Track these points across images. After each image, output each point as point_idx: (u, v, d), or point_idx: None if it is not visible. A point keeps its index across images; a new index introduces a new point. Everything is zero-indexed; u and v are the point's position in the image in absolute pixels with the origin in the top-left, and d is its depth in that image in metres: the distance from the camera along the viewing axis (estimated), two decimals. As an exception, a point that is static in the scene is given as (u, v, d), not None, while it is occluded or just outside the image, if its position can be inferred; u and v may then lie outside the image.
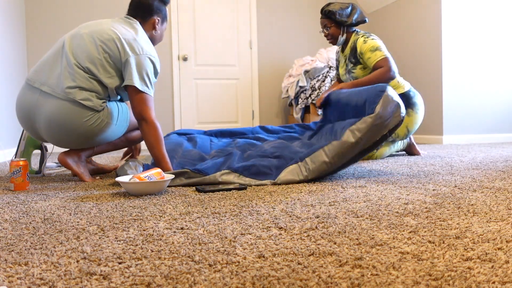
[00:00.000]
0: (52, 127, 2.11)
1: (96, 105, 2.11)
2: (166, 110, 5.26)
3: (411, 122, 3.08)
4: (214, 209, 1.45)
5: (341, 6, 3.05)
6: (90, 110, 2.11)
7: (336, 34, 3.09)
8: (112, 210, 1.47)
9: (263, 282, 0.79)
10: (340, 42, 3.11)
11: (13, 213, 1.46)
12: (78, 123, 2.10)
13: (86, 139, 2.17)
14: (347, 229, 1.15)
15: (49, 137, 2.17)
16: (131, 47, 2.11)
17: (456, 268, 0.84)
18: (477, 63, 4.73)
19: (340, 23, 3.05)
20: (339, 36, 3.09)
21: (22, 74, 4.60)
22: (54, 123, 2.10)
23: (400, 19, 5.25)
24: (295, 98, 4.98)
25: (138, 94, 2.10)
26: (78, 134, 2.13)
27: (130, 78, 2.08)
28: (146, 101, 2.11)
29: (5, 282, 0.82)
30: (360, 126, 2.08)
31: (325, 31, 3.11)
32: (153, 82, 2.18)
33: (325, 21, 3.09)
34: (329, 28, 3.08)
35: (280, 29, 5.57)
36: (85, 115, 2.10)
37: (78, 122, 2.10)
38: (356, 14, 3.05)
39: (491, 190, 1.71)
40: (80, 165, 2.26)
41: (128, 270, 0.87)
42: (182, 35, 5.28)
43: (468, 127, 4.74)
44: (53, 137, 2.16)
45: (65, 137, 2.15)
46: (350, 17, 3.04)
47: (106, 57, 2.10)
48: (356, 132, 2.08)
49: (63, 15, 4.95)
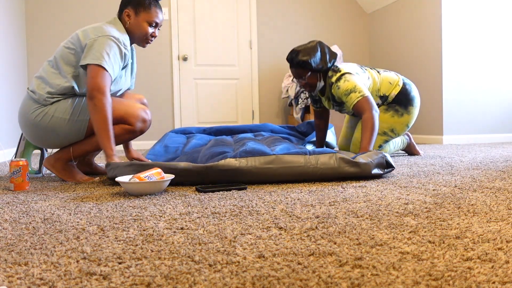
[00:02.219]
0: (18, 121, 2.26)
1: (40, 98, 2.14)
2: (166, 110, 5.26)
3: (411, 118, 3.06)
4: (214, 209, 1.45)
5: (309, 51, 2.73)
6: (35, 103, 2.16)
7: (314, 82, 2.81)
8: (112, 210, 1.47)
9: (263, 282, 0.79)
10: (319, 88, 2.86)
11: (13, 213, 1.46)
12: (27, 115, 2.18)
13: (44, 134, 2.17)
14: (347, 229, 1.15)
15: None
16: (91, 32, 2.14)
17: (456, 268, 0.84)
18: (477, 63, 4.73)
19: (317, 71, 2.77)
20: (317, 83, 2.82)
21: (22, 75, 4.61)
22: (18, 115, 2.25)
23: (400, 19, 5.25)
24: (295, 98, 4.98)
25: (92, 68, 2.06)
26: (32, 128, 2.17)
27: (84, 57, 2.10)
28: (101, 74, 2.05)
29: (5, 282, 0.82)
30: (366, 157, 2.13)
31: (301, 81, 2.81)
32: (115, 60, 2.12)
33: (298, 72, 2.76)
34: (304, 78, 2.78)
35: (280, 29, 5.58)
36: (32, 108, 2.17)
37: (26, 114, 2.18)
38: (327, 54, 2.79)
39: (491, 190, 1.71)
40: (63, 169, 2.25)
41: (128, 270, 0.87)
42: (182, 35, 5.28)
43: (468, 127, 4.74)
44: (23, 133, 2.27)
45: (27, 133, 2.22)
46: (325, 61, 2.77)
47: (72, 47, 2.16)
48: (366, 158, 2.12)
49: (63, 16, 4.95)
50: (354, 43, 5.84)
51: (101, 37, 2.11)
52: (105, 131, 2.04)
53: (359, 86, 2.72)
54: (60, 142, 2.21)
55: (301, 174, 2.03)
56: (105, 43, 2.09)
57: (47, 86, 2.15)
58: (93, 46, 2.09)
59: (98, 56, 2.07)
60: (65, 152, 2.24)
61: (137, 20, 2.25)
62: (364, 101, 2.67)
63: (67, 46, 2.18)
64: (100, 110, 2.03)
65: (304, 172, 2.03)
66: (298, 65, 2.74)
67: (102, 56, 2.07)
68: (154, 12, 2.26)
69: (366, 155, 2.14)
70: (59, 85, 2.15)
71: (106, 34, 2.12)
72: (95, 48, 2.09)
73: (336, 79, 2.78)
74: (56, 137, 2.17)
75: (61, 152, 2.25)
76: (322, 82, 2.84)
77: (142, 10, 2.24)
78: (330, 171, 2.05)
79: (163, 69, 5.23)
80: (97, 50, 2.08)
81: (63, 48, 2.19)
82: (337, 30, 5.76)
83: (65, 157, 2.25)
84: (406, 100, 3.03)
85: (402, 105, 3.03)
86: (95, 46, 2.09)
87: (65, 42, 2.22)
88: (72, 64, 2.16)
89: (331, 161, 2.05)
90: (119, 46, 2.14)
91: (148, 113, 2.28)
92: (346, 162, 2.06)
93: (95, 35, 2.12)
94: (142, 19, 2.25)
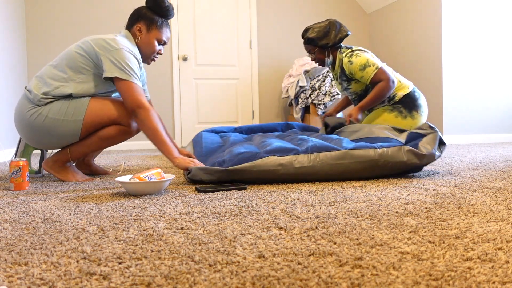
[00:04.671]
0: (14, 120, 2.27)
1: (35, 98, 2.15)
2: (166, 110, 5.26)
3: (415, 125, 3.05)
4: (214, 209, 1.45)
5: (319, 28, 3.02)
6: (30, 102, 2.16)
7: (322, 57, 3.08)
8: (112, 210, 1.47)
9: (263, 282, 0.79)
10: (328, 63, 3.11)
11: (13, 213, 1.46)
12: (21, 115, 2.17)
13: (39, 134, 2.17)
14: (347, 229, 1.15)
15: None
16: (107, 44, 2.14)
17: (456, 268, 0.84)
18: (477, 63, 4.73)
19: (323, 47, 3.03)
20: (325, 59, 3.08)
21: (22, 75, 4.61)
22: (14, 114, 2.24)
23: (400, 19, 5.25)
24: (295, 98, 4.98)
25: (123, 85, 2.08)
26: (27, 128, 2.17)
27: (109, 70, 2.10)
28: (133, 90, 2.09)
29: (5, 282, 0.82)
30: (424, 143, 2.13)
31: (311, 56, 3.12)
32: (137, 71, 2.15)
33: (308, 47, 3.09)
34: (313, 53, 3.08)
35: (280, 29, 5.57)
36: (27, 107, 2.16)
37: (22, 114, 2.17)
38: (336, 31, 3.02)
39: (491, 190, 1.71)
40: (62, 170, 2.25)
41: (128, 270, 0.87)
42: (182, 35, 5.28)
43: (468, 127, 4.74)
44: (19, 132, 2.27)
45: (22, 133, 2.21)
46: (331, 38, 3.01)
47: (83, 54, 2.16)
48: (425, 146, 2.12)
49: (63, 17, 4.95)
50: (354, 43, 5.84)
51: (117, 50, 2.11)
52: (161, 142, 2.06)
53: (371, 60, 2.93)
54: (55, 143, 2.20)
55: (372, 168, 2.05)
56: (124, 55, 2.11)
57: (44, 86, 2.15)
58: (114, 59, 2.09)
59: (125, 71, 2.09)
60: (62, 154, 2.24)
61: (147, 37, 2.28)
62: (380, 73, 2.89)
63: (78, 52, 2.17)
64: (148, 124, 2.06)
65: (375, 165, 2.05)
66: (306, 42, 3.06)
67: (128, 71, 2.10)
68: (165, 31, 2.31)
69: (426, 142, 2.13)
70: (57, 88, 2.14)
71: (121, 47, 2.12)
72: (117, 61, 2.09)
73: (347, 54, 3.00)
74: (50, 137, 2.17)
75: (59, 154, 2.25)
76: (331, 58, 3.08)
77: (154, 28, 2.27)
78: (400, 165, 2.07)
79: (163, 69, 5.23)
80: (120, 63, 2.09)
81: (73, 53, 2.17)
82: (337, 30, 5.75)
83: (63, 159, 2.24)
84: (412, 105, 3.04)
85: (407, 108, 3.03)
86: (117, 59, 2.10)
87: (75, 47, 2.20)
88: (79, 70, 2.15)
89: (400, 154, 2.07)
90: (135, 57, 2.17)
91: None
92: (414, 154, 2.07)
93: (112, 47, 2.12)
94: (152, 36, 2.28)
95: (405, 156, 2.07)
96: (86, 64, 2.15)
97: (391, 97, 3.05)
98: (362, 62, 2.91)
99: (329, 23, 3.03)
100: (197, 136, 3.25)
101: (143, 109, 2.06)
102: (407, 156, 2.07)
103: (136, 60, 2.16)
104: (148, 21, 2.26)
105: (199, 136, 3.24)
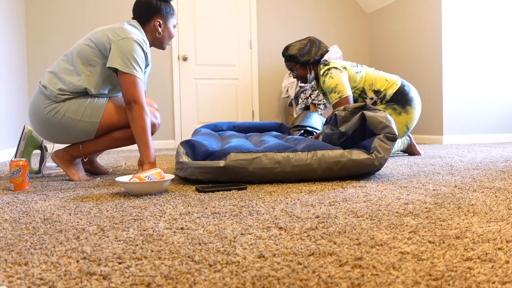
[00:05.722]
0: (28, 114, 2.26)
1: (51, 94, 2.15)
2: (166, 110, 5.26)
3: (410, 119, 3.07)
4: (214, 209, 1.45)
5: (300, 46, 3.05)
6: (47, 98, 2.16)
7: (304, 74, 3.11)
8: (112, 210, 1.47)
9: (263, 282, 0.79)
10: (310, 80, 3.13)
11: (13, 213, 1.46)
12: (38, 110, 2.17)
13: (55, 130, 2.18)
14: (347, 229, 1.15)
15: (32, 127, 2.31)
16: (115, 33, 2.14)
17: (456, 268, 0.84)
18: (477, 63, 4.73)
19: (304, 63, 3.06)
20: (307, 75, 3.11)
21: (22, 74, 4.61)
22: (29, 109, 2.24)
23: (400, 19, 5.25)
24: (295, 98, 4.98)
25: (125, 78, 2.10)
26: (43, 123, 2.18)
27: (111, 60, 2.10)
28: (134, 84, 2.10)
29: (5, 282, 0.82)
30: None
31: (292, 74, 3.14)
32: (142, 64, 2.15)
33: (289, 64, 3.10)
34: (295, 70, 3.10)
35: (280, 29, 5.57)
36: (44, 103, 2.17)
37: (38, 109, 2.17)
38: (316, 48, 3.06)
39: (491, 190, 1.71)
40: (69, 165, 2.28)
41: (128, 270, 0.87)
42: (182, 35, 5.28)
43: (468, 127, 4.74)
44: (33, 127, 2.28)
45: (37, 128, 2.22)
46: (312, 54, 3.04)
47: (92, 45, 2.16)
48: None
49: (63, 17, 4.95)
50: (354, 43, 5.84)
51: (126, 39, 2.11)
52: (145, 143, 2.10)
53: (340, 86, 2.96)
54: (69, 139, 2.24)
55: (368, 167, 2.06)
56: (131, 46, 2.11)
57: (59, 82, 2.16)
58: (120, 49, 2.10)
59: (128, 64, 2.09)
60: (75, 149, 2.27)
61: (167, 28, 2.33)
62: (340, 103, 2.93)
63: (87, 44, 2.18)
64: (137, 120, 2.09)
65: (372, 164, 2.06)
66: (288, 59, 3.09)
67: (132, 64, 2.10)
68: (176, 14, 2.38)
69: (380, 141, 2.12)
70: (72, 83, 2.15)
71: (130, 36, 2.13)
72: (122, 52, 2.09)
73: (323, 72, 3.06)
74: (66, 135, 2.20)
75: (71, 148, 2.28)
76: (313, 74, 3.11)
77: (170, 17, 2.33)
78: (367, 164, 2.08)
79: (163, 69, 5.23)
80: (125, 54, 2.09)
81: (83, 45, 2.18)
82: (337, 30, 5.76)
83: (75, 153, 2.28)
84: (405, 100, 3.06)
85: (400, 104, 3.05)
86: (123, 49, 2.10)
87: (84, 39, 2.21)
88: (89, 63, 2.16)
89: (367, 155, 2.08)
90: (142, 48, 2.17)
91: (158, 116, 2.33)
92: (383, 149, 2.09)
93: (119, 37, 2.12)
94: (171, 24, 2.35)
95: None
96: (95, 55, 2.16)
97: (383, 97, 3.07)
98: (331, 86, 2.97)
99: (309, 41, 3.08)
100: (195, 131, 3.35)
101: (139, 105, 2.09)
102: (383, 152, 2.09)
103: (143, 53, 2.17)
104: (164, 13, 2.29)
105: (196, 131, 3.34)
